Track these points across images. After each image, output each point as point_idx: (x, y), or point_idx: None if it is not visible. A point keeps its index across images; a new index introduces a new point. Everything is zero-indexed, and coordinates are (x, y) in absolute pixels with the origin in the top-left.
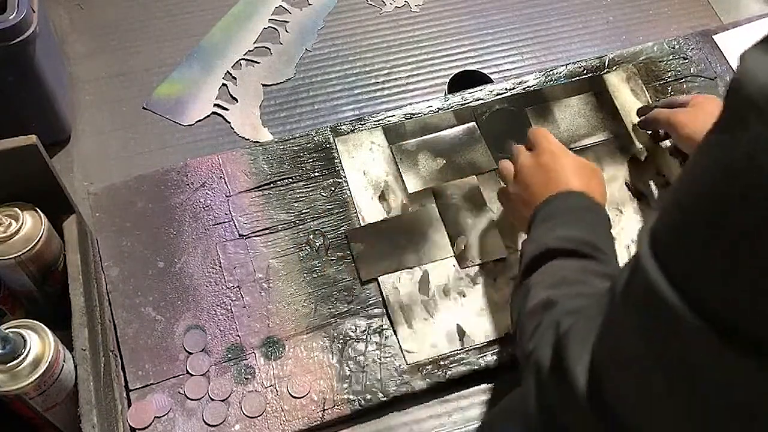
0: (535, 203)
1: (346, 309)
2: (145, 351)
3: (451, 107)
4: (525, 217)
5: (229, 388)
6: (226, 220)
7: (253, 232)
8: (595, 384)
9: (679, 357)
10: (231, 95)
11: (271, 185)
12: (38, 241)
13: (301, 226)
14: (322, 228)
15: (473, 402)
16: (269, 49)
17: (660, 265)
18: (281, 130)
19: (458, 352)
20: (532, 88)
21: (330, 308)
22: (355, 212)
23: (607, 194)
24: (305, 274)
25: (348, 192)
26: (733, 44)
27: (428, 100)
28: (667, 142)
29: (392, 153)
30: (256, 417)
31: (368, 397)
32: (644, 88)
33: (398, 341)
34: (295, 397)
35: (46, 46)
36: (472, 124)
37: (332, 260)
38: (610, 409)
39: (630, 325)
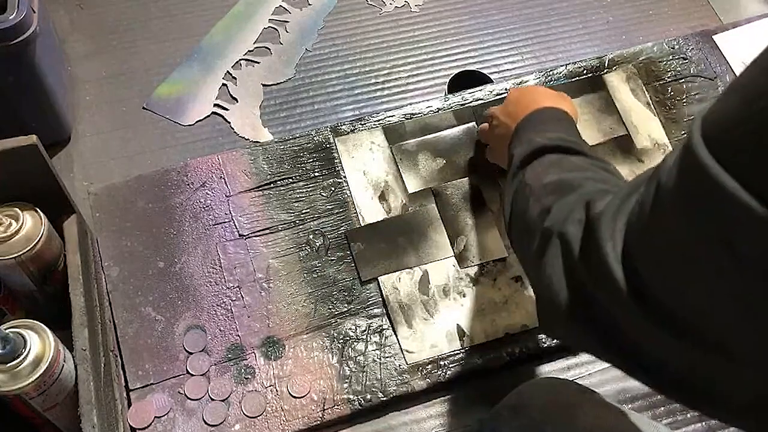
0: (519, 118)
1: (346, 309)
2: (145, 351)
3: (451, 107)
4: (506, 147)
5: (229, 388)
6: (226, 220)
7: (253, 232)
8: (631, 268)
9: (728, 240)
10: (231, 95)
11: (271, 185)
12: (38, 241)
13: (301, 226)
14: (322, 228)
15: (473, 402)
16: (269, 49)
17: (712, 151)
18: (281, 130)
19: (458, 352)
20: None
21: (330, 308)
22: (355, 212)
23: (577, 113)
24: (305, 274)
25: (348, 192)
26: (733, 44)
27: (428, 100)
28: None
29: (392, 153)
30: (256, 417)
31: (368, 397)
32: (644, 88)
33: (398, 341)
34: (295, 397)
35: (46, 46)
36: (472, 124)
37: (332, 260)
38: (649, 292)
39: (678, 209)
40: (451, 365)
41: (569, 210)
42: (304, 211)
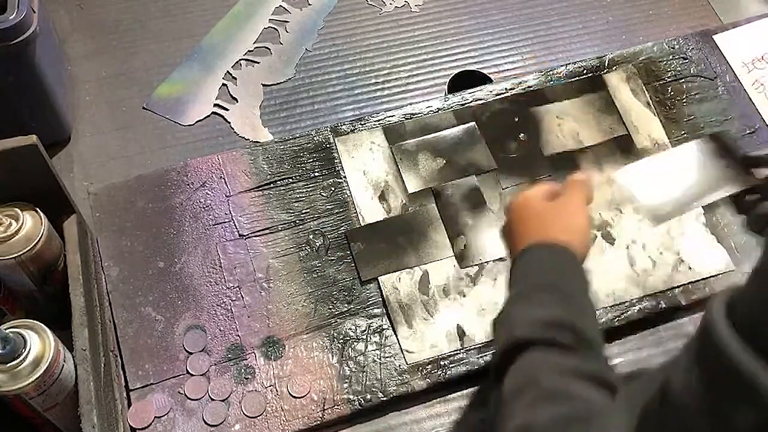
0: (521, 243)
1: (346, 309)
2: (145, 351)
3: (451, 107)
4: (510, 247)
5: (229, 388)
6: (226, 220)
7: (253, 232)
8: None
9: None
10: (231, 95)
11: (271, 185)
12: (38, 241)
13: (301, 226)
14: (322, 228)
15: (473, 402)
16: (269, 49)
17: (743, 338)
18: (281, 130)
19: (458, 352)
20: (532, 88)
21: (330, 308)
22: (355, 212)
23: (589, 238)
24: (305, 274)
25: (348, 192)
26: (733, 44)
27: (428, 100)
28: None
29: (392, 153)
30: (256, 417)
31: (368, 397)
32: (644, 88)
33: (398, 341)
34: (295, 397)
35: (46, 46)
36: (472, 124)
37: (332, 260)
38: None
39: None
40: (451, 365)
41: None
42: (304, 211)
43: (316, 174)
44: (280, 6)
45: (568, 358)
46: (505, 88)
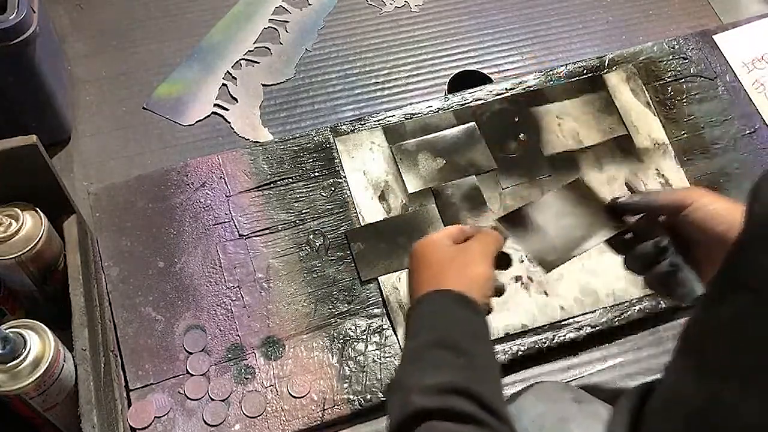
0: (418, 289)
1: (346, 309)
2: (145, 351)
3: (451, 107)
4: (410, 293)
5: (229, 388)
6: (226, 220)
7: (253, 232)
8: None
9: None
10: (231, 95)
11: (271, 185)
12: (38, 241)
13: (301, 226)
14: (322, 228)
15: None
16: (269, 49)
17: None
18: (281, 130)
19: None
20: (532, 88)
21: (330, 308)
22: (355, 212)
23: (488, 286)
24: (305, 274)
25: (348, 192)
26: (733, 44)
27: (428, 100)
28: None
29: (392, 153)
30: (256, 417)
31: (368, 397)
32: (644, 88)
33: (398, 341)
34: (295, 397)
35: (46, 46)
36: (472, 124)
37: (332, 260)
38: None
39: None
40: None
41: None
42: (304, 211)
43: (316, 174)
44: (280, 6)
45: (467, 431)
46: (505, 88)
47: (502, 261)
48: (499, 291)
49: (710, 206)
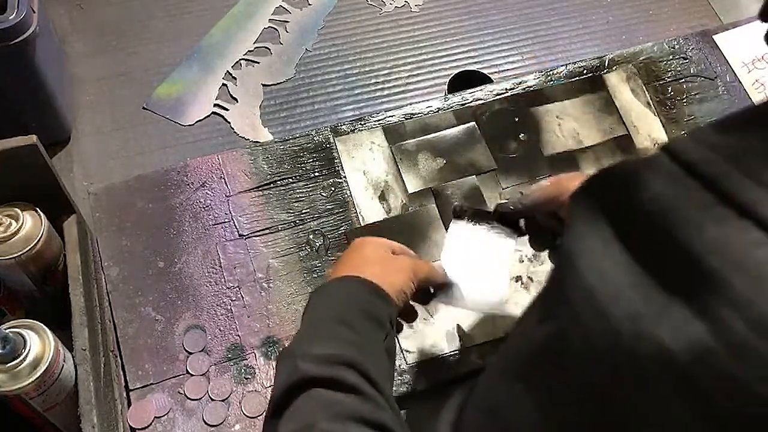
0: (336, 273)
1: None
2: (145, 351)
3: (451, 107)
4: (331, 271)
5: (229, 388)
6: (226, 220)
7: (253, 232)
8: None
9: None
10: (231, 95)
11: (271, 185)
12: (38, 241)
13: (301, 226)
14: (322, 228)
15: None
16: (269, 49)
17: None
18: (281, 130)
19: (458, 352)
20: (532, 88)
21: None
22: (355, 212)
23: (410, 287)
24: (305, 274)
25: (348, 192)
26: (733, 44)
27: (428, 100)
28: None
29: (392, 153)
30: (256, 417)
31: None
32: (644, 88)
33: (398, 341)
34: None
35: (46, 46)
36: (472, 124)
37: (332, 260)
38: None
39: None
40: (451, 365)
41: None
42: (304, 211)
43: (316, 174)
44: (280, 6)
45: (350, 401)
46: (505, 88)
47: (425, 295)
48: (410, 316)
49: None
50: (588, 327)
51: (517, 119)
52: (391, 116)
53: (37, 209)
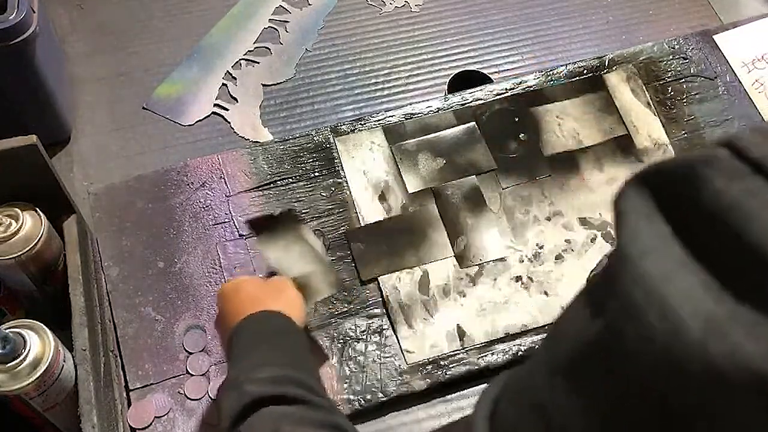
0: (236, 319)
1: (346, 309)
2: (145, 351)
3: (451, 107)
4: (226, 328)
5: None
6: (226, 220)
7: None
8: None
9: None
10: (231, 95)
11: (271, 185)
12: (38, 241)
13: None
14: (322, 228)
15: (473, 402)
16: (269, 49)
17: None
18: (281, 130)
19: (458, 352)
20: (532, 88)
21: (330, 308)
22: (355, 212)
23: (301, 302)
24: None
25: (348, 192)
26: (734, 44)
27: (428, 100)
28: None
29: (392, 153)
30: None
31: (368, 397)
32: (644, 88)
33: (398, 341)
34: None
35: (46, 46)
36: (472, 124)
37: (332, 260)
38: None
39: None
40: (451, 365)
41: None
42: (304, 211)
43: (316, 174)
44: (280, 6)
45: (303, 410)
46: (505, 88)
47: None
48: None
49: None
50: (650, 325)
51: (517, 119)
52: (391, 116)
53: (37, 209)
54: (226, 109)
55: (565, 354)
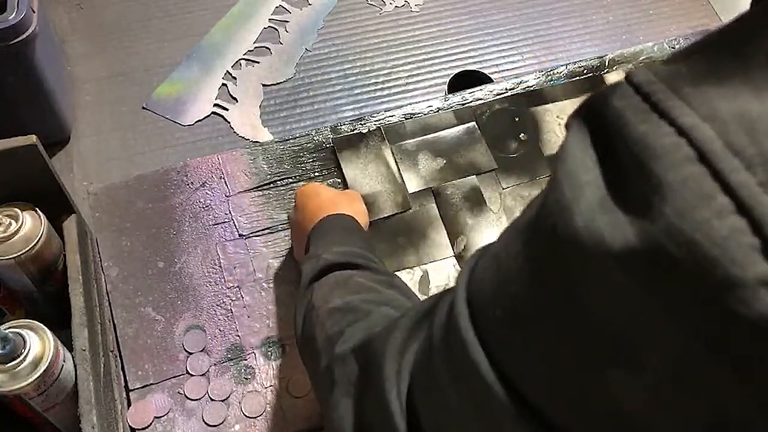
0: (309, 226)
1: None
2: (145, 351)
3: (451, 107)
4: (302, 240)
5: (229, 388)
6: (226, 220)
7: (253, 232)
8: (414, 419)
9: (491, 422)
10: (231, 95)
11: (271, 185)
12: (38, 241)
13: None
14: None
15: None
16: (269, 49)
17: (474, 323)
18: (281, 130)
19: None
20: (532, 88)
21: None
22: None
23: (365, 212)
24: None
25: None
26: None
27: (428, 100)
28: None
29: (392, 153)
30: (256, 417)
31: None
32: None
33: None
34: (295, 397)
35: (46, 46)
36: (472, 124)
37: None
38: None
39: (445, 378)
40: None
41: (354, 345)
42: None
43: (316, 174)
44: (280, 6)
45: (368, 272)
46: (505, 88)
47: None
48: None
49: None
50: (558, 204)
51: (517, 119)
52: (391, 116)
53: (37, 209)
54: (226, 109)
55: (520, 224)
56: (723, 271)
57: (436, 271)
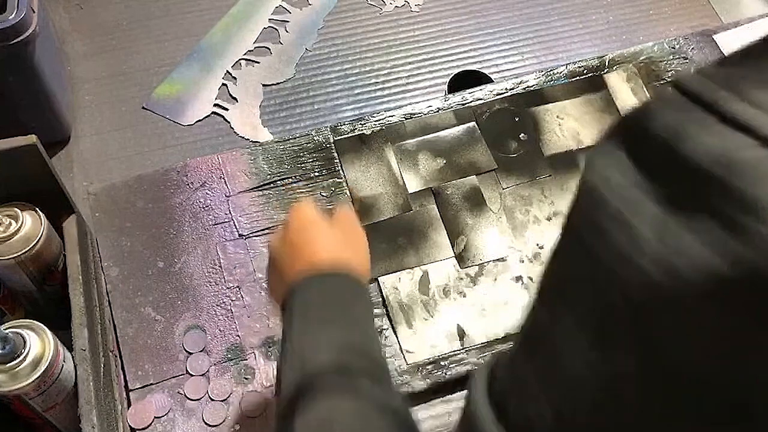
0: (286, 280)
1: None
2: (145, 351)
3: (451, 107)
4: (277, 290)
5: (229, 388)
6: (226, 220)
7: (253, 232)
8: None
9: None
10: (231, 95)
11: (271, 185)
12: (38, 241)
13: None
14: None
15: None
16: (269, 49)
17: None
18: (281, 130)
19: (458, 352)
20: (532, 88)
21: None
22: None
23: (366, 261)
24: None
25: (348, 192)
26: (734, 44)
27: (428, 100)
28: None
29: (392, 153)
30: (256, 417)
31: None
32: (644, 88)
33: (398, 341)
34: None
35: (46, 46)
36: (472, 124)
37: None
38: None
39: None
40: (451, 365)
41: None
42: None
43: (316, 174)
44: (280, 6)
45: (362, 397)
46: (505, 88)
47: None
48: None
49: None
50: (613, 238)
51: (517, 119)
52: (391, 116)
53: (37, 209)
54: (226, 109)
55: (552, 280)
56: None
57: (436, 271)
